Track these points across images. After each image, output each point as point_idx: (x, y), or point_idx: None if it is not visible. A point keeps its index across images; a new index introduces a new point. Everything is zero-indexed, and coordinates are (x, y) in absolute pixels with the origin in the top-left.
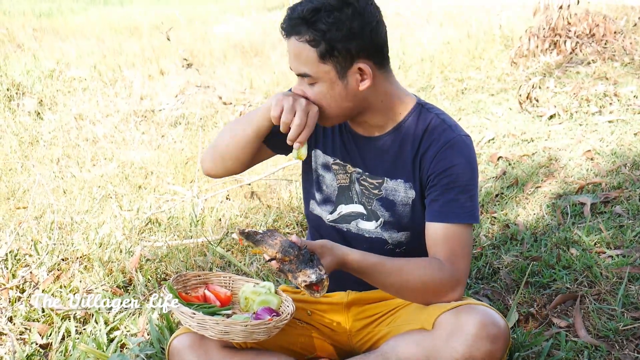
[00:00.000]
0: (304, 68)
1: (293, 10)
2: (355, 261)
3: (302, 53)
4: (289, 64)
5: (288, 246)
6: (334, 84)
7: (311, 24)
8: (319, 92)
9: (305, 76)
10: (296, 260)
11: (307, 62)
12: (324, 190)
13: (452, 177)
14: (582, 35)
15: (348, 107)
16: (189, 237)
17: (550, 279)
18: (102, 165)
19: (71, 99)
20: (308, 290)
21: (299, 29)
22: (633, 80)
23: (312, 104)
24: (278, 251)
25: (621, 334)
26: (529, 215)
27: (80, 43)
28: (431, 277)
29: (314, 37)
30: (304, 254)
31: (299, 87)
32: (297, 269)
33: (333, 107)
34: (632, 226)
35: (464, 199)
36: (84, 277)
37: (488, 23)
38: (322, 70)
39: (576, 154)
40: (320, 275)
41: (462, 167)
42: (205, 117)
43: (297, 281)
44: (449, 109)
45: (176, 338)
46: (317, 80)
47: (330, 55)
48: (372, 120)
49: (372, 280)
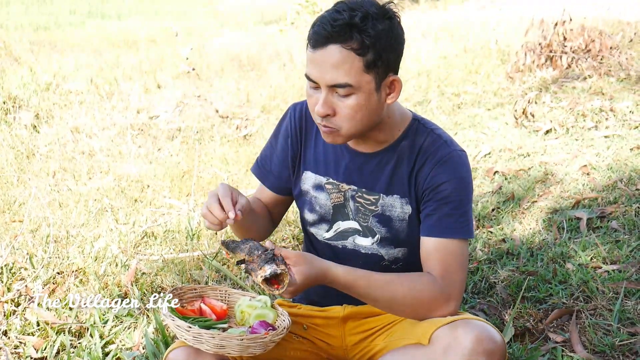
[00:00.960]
0: (345, 78)
1: (335, 17)
2: (340, 274)
3: (345, 62)
4: (317, 74)
5: (255, 248)
6: (371, 95)
7: (362, 31)
8: (355, 105)
9: (344, 87)
10: (258, 260)
11: (350, 71)
12: (317, 210)
13: (446, 192)
14: (578, 50)
15: (373, 122)
16: (185, 250)
17: (547, 293)
18: (98, 179)
19: (68, 112)
20: (267, 286)
21: (347, 35)
22: (629, 96)
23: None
24: (246, 254)
25: (617, 350)
26: (525, 230)
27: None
28: (421, 292)
29: (363, 45)
30: (267, 253)
31: (326, 101)
32: (257, 267)
33: (363, 120)
34: (628, 241)
35: (459, 214)
36: (79, 291)
37: (484, 38)
38: (364, 80)
39: (572, 169)
40: (275, 270)
41: (457, 182)
42: (202, 130)
43: (256, 279)
44: (445, 124)
45: (172, 352)
46: (355, 91)
47: (374, 65)
48: (376, 136)
49: (359, 295)
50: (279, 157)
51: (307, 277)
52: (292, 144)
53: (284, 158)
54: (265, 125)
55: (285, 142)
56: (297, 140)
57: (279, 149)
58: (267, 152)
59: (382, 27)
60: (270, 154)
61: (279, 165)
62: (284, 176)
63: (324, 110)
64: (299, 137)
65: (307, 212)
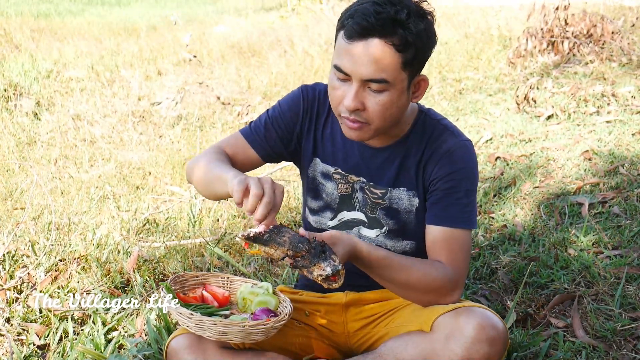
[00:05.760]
0: (382, 73)
1: (378, 9)
2: (366, 251)
3: (385, 57)
4: (351, 67)
5: (298, 242)
6: (402, 93)
7: (406, 27)
8: (387, 101)
9: (380, 82)
10: (308, 255)
11: (388, 67)
12: (324, 198)
13: (453, 182)
14: (579, 35)
15: (397, 119)
16: (187, 237)
17: (548, 279)
18: (99, 166)
19: (69, 100)
20: (325, 282)
21: (391, 30)
22: (631, 81)
23: (277, 184)
24: (288, 248)
25: (619, 334)
26: (527, 216)
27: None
28: (434, 278)
29: (405, 42)
30: (314, 247)
31: (357, 95)
32: (310, 263)
33: (391, 118)
34: (629, 226)
35: (464, 204)
36: (81, 278)
37: (486, 23)
38: (400, 77)
39: (574, 154)
40: (335, 266)
41: (463, 172)
42: (203, 118)
43: (312, 276)
44: (447, 109)
45: (174, 339)
46: (390, 88)
47: (411, 63)
48: (391, 131)
49: (378, 275)
50: (280, 128)
51: (342, 257)
52: (301, 123)
53: (286, 133)
54: None
55: (292, 120)
56: (306, 121)
57: (282, 123)
58: (266, 120)
59: (423, 26)
60: (270, 123)
61: (275, 138)
62: (277, 150)
63: (354, 105)
64: (308, 120)
65: (312, 199)
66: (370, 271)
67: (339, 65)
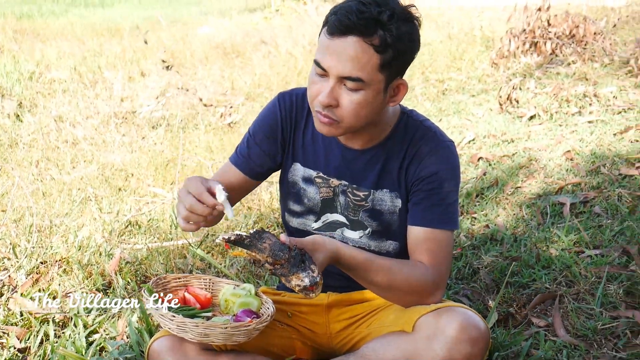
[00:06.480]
0: (359, 72)
1: (362, 9)
2: (348, 255)
3: (363, 56)
4: (329, 62)
5: (278, 249)
6: (378, 95)
7: (387, 29)
8: (362, 101)
9: (355, 81)
10: (287, 264)
11: (365, 66)
12: (305, 203)
13: (436, 183)
14: (562, 36)
15: (369, 122)
16: (169, 239)
17: (530, 278)
18: (81, 168)
19: (51, 101)
20: (302, 292)
21: (371, 30)
22: (613, 81)
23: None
24: (268, 255)
25: (600, 333)
26: (509, 216)
27: (61, 45)
28: (416, 279)
29: (384, 43)
30: (294, 256)
31: (332, 92)
32: (289, 272)
33: (364, 118)
34: (610, 226)
35: (447, 205)
36: (63, 281)
37: (469, 24)
38: (376, 78)
39: (556, 155)
40: (314, 278)
41: (446, 173)
42: (186, 119)
43: (290, 285)
44: (429, 110)
45: (156, 341)
46: (365, 87)
47: (389, 65)
48: (369, 133)
49: (360, 277)
50: (263, 142)
51: (323, 263)
52: (282, 132)
53: (269, 146)
54: (250, 113)
55: (273, 131)
56: (287, 129)
57: (263, 137)
58: (248, 138)
59: (405, 29)
60: (253, 140)
61: (260, 153)
62: (265, 165)
63: (327, 101)
64: (288, 127)
65: (293, 203)
66: (352, 274)
67: (318, 60)
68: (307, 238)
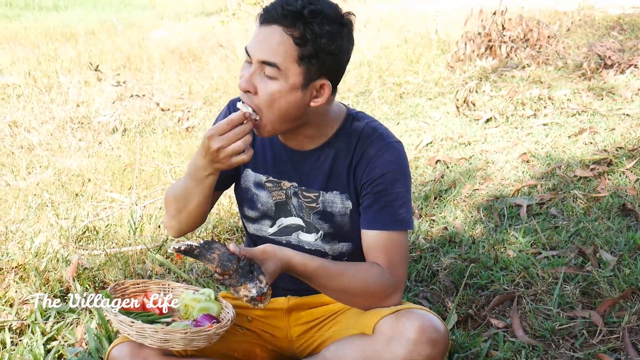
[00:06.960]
0: (275, 57)
1: (289, 2)
2: (300, 264)
3: (281, 44)
4: (252, 47)
5: (226, 260)
6: (294, 90)
7: (308, 24)
8: (275, 91)
9: (271, 66)
10: (235, 275)
11: (283, 54)
12: (259, 208)
13: (384, 184)
14: (517, 40)
15: (290, 118)
16: (128, 244)
17: (488, 280)
18: (37, 173)
19: (5, 107)
20: (251, 302)
21: (292, 21)
22: (566, 84)
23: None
24: (217, 266)
25: (557, 334)
26: (467, 218)
27: (14, 49)
28: (373, 282)
29: (303, 37)
30: (242, 266)
31: (252, 78)
32: (237, 282)
33: (279, 112)
34: (566, 227)
35: (398, 206)
36: (19, 288)
37: (424, 28)
38: (293, 70)
39: (512, 157)
40: (261, 288)
41: (394, 174)
42: (142, 123)
43: (239, 295)
44: (387, 113)
45: (115, 347)
46: (280, 76)
47: (309, 61)
48: (307, 133)
49: (315, 283)
50: None
51: (274, 273)
52: None
53: None
54: (208, 117)
55: None
56: None
57: None
58: None
59: (330, 29)
60: None
61: None
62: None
63: (245, 86)
64: None
65: (248, 209)
66: (308, 281)
67: (246, 46)
68: (257, 247)
